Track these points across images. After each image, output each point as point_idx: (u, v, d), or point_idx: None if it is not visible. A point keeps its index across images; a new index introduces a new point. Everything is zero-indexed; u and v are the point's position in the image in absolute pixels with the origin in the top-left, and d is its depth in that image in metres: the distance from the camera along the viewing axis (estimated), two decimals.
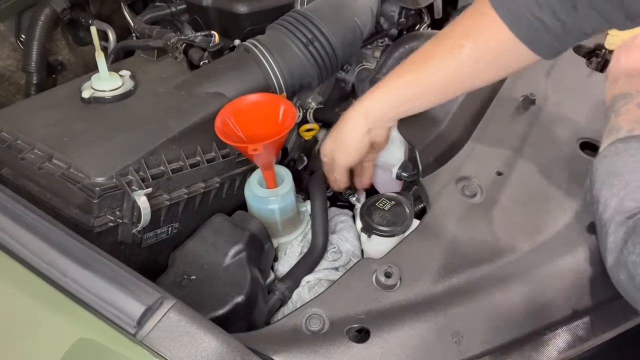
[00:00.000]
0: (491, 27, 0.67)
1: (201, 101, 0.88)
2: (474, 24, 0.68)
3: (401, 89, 0.77)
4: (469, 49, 0.69)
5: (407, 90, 0.77)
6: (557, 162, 0.87)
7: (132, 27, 1.18)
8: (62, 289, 0.56)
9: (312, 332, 0.64)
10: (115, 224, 0.75)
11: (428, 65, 0.73)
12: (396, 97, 0.78)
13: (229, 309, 0.69)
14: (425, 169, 0.85)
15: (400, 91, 0.77)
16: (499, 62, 0.71)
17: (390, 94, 0.78)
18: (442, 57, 0.71)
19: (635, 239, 0.56)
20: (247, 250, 0.76)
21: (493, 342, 0.64)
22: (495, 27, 0.67)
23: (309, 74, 1.01)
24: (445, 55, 0.71)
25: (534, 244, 0.75)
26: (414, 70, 0.74)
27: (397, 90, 0.77)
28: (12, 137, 0.80)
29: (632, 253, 0.56)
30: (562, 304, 0.67)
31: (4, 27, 1.24)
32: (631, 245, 0.56)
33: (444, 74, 0.73)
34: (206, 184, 0.86)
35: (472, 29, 0.69)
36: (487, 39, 0.68)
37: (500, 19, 0.66)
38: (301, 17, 1.01)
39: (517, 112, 0.97)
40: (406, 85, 0.76)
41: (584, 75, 1.08)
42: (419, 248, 0.74)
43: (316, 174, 0.93)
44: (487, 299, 0.68)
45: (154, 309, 0.54)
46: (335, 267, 0.84)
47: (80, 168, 0.74)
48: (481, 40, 0.68)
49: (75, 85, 0.90)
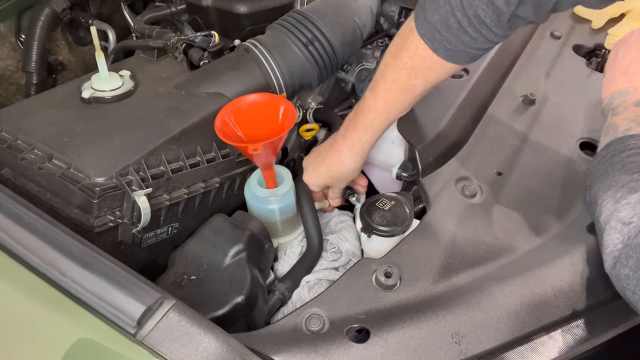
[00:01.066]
0: (434, 65, 0.75)
1: (201, 101, 0.88)
2: (416, 64, 0.76)
3: (375, 122, 0.84)
4: (421, 86, 0.79)
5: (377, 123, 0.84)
6: (556, 162, 0.87)
7: (132, 27, 1.18)
8: (62, 289, 0.56)
9: (312, 332, 0.64)
10: (115, 224, 0.75)
11: (390, 105, 0.82)
12: (372, 131, 0.85)
13: (229, 309, 0.69)
14: (425, 169, 0.85)
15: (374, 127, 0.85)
16: (439, 82, 0.80)
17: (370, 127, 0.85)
18: (399, 96, 0.80)
19: (629, 252, 0.56)
20: (247, 250, 0.76)
21: (493, 342, 0.64)
22: (438, 64, 0.75)
23: (309, 74, 1.01)
24: (402, 94, 0.80)
25: (534, 244, 0.75)
26: (379, 109, 0.83)
27: (372, 127, 0.85)
28: (12, 137, 0.80)
29: (625, 266, 0.56)
30: (562, 304, 0.67)
31: (4, 27, 1.24)
32: (624, 258, 0.56)
33: (402, 105, 0.82)
34: (206, 184, 0.86)
35: (418, 70, 0.77)
36: (435, 76, 0.78)
37: (439, 57, 0.74)
38: (301, 17, 1.01)
39: (517, 112, 0.97)
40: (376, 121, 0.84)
41: (584, 75, 1.08)
42: (419, 248, 0.74)
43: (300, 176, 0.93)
44: (487, 299, 0.68)
45: (154, 309, 0.54)
46: (335, 267, 0.84)
47: (80, 168, 0.74)
48: (430, 78, 0.78)
49: (75, 85, 0.90)
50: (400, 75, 0.78)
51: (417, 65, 0.76)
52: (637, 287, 0.54)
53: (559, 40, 1.18)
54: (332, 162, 0.89)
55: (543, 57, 1.12)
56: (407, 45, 0.76)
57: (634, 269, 0.55)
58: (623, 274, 0.56)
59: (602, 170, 0.64)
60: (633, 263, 0.55)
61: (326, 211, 0.97)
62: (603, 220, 0.61)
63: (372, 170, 1.05)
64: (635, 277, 0.55)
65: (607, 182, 0.62)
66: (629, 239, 0.56)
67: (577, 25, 1.23)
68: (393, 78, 0.79)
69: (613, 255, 0.58)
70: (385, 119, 0.83)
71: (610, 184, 0.62)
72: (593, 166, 0.67)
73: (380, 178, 1.04)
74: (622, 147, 0.64)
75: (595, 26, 1.21)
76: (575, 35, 1.20)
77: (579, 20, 1.24)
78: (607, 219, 0.60)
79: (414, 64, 0.76)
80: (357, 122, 0.85)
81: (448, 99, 0.95)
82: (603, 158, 0.66)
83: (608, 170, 0.63)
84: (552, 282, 0.70)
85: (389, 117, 0.83)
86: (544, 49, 1.15)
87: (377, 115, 0.83)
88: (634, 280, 0.55)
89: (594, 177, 0.66)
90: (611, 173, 0.63)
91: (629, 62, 0.78)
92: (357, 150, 0.86)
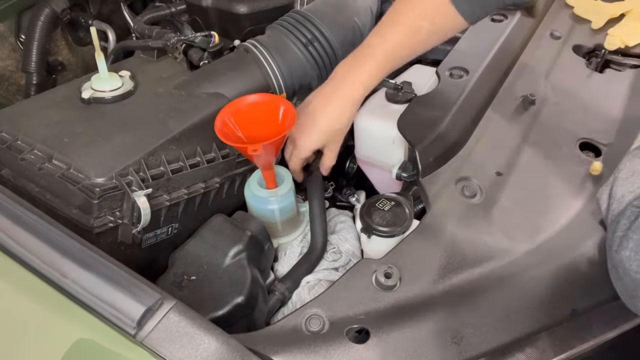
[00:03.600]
0: (441, 7, 0.79)
1: (201, 101, 0.88)
2: (425, 4, 0.80)
3: (382, 63, 0.84)
4: (426, 30, 0.81)
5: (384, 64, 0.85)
6: (556, 163, 0.87)
7: (132, 27, 1.18)
8: (62, 290, 0.56)
9: (312, 332, 0.64)
10: (115, 224, 0.75)
11: (396, 47, 0.83)
12: (376, 72, 0.85)
13: (229, 309, 0.69)
14: (424, 169, 0.85)
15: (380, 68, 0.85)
16: (446, 34, 0.85)
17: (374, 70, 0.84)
18: (406, 38, 0.82)
19: (629, 234, 0.56)
20: (247, 250, 0.76)
21: (493, 342, 0.64)
22: (445, 9, 0.79)
23: (309, 74, 1.01)
24: (409, 36, 0.82)
25: (534, 244, 0.75)
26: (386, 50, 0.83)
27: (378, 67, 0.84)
28: (12, 138, 0.80)
29: (626, 248, 0.56)
30: (561, 304, 0.67)
31: (4, 27, 1.24)
32: (625, 240, 0.56)
33: (407, 50, 0.85)
34: (206, 185, 0.86)
35: (426, 10, 0.80)
36: (441, 21, 0.81)
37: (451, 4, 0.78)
38: (301, 17, 1.01)
39: (516, 113, 0.97)
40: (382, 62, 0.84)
41: (584, 76, 1.08)
42: (419, 248, 0.74)
43: (314, 174, 0.93)
44: (487, 299, 0.68)
45: (154, 310, 0.54)
46: (335, 268, 0.84)
47: (80, 168, 0.74)
48: (437, 21, 0.81)
49: (75, 85, 0.90)
50: (408, 16, 0.81)
51: (425, 6, 0.80)
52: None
53: (559, 41, 1.18)
54: (331, 115, 0.85)
55: (543, 57, 1.12)
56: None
57: (635, 250, 0.55)
58: (625, 256, 0.56)
59: (629, 169, 0.65)
60: (634, 244, 0.56)
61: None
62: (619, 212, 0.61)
63: (372, 170, 1.05)
64: (636, 258, 0.55)
65: (632, 179, 0.63)
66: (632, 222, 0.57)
67: (577, 25, 1.23)
68: (400, 19, 0.81)
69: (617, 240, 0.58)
70: (391, 61, 0.83)
71: (635, 180, 0.62)
72: (622, 162, 0.68)
73: (380, 178, 1.04)
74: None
75: (595, 26, 1.21)
76: (575, 35, 1.20)
77: (578, 21, 1.24)
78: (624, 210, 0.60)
79: (423, 5, 0.80)
80: (358, 66, 0.84)
81: (448, 99, 0.95)
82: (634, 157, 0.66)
83: (636, 169, 0.64)
84: (551, 282, 0.70)
85: (395, 60, 0.84)
86: (544, 49, 1.15)
87: (383, 56, 0.82)
88: (635, 262, 0.55)
89: (620, 174, 0.66)
90: (637, 172, 0.63)
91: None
92: (356, 96, 0.85)
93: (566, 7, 1.29)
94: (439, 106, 0.93)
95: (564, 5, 1.30)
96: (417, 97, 0.96)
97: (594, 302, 0.68)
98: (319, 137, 0.86)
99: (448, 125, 0.90)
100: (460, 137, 0.90)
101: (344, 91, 0.84)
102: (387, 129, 0.93)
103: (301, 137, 0.87)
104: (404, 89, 0.98)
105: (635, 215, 0.57)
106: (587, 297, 0.69)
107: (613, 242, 0.59)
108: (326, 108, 0.85)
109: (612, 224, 0.62)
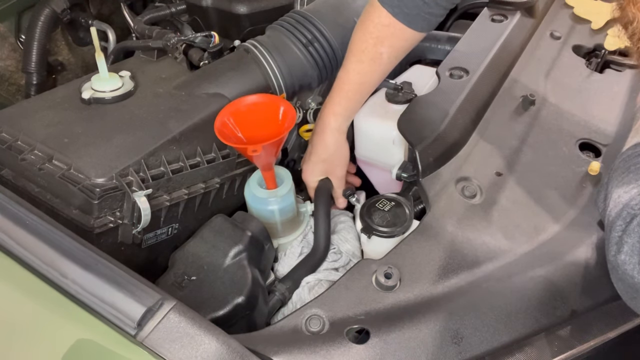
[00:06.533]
0: (396, 32, 0.84)
1: (201, 102, 0.88)
2: (381, 32, 0.84)
3: (349, 94, 0.90)
4: (387, 54, 0.86)
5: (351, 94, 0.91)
6: (556, 163, 0.87)
7: (132, 27, 1.18)
8: (62, 290, 0.56)
9: (312, 333, 0.64)
10: (116, 224, 0.75)
11: (361, 75, 0.88)
12: (346, 103, 0.91)
13: (229, 309, 0.69)
14: (424, 169, 0.85)
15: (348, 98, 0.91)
16: (406, 50, 0.89)
17: (344, 102, 0.91)
18: (369, 66, 0.87)
19: (624, 238, 0.56)
20: (248, 251, 0.76)
21: (493, 342, 0.64)
22: (399, 30, 0.83)
23: (309, 75, 1.01)
24: (371, 63, 0.87)
25: (533, 244, 0.75)
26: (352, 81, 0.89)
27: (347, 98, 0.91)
28: (13, 138, 0.80)
29: (621, 252, 0.56)
30: (561, 304, 0.68)
31: (4, 27, 1.24)
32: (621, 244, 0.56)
33: (373, 76, 0.90)
34: (206, 185, 0.86)
35: (383, 38, 0.84)
36: (399, 43, 0.86)
37: (401, 23, 0.82)
38: (301, 17, 1.01)
39: (516, 113, 0.97)
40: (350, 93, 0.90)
41: (584, 76, 1.08)
42: (419, 249, 0.74)
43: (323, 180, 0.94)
44: (487, 299, 0.68)
45: (154, 310, 0.54)
46: (335, 268, 0.84)
47: (81, 169, 0.74)
48: (395, 45, 0.86)
49: (75, 85, 0.90)
50: (368, 45, 0.85)
51: (382, 34, 0.84)
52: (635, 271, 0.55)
53: (559, 41, 1.18)
54: (319, 147, 0.92)
55: (543, 57, 1.12)
56: (370, 17, 0.84)
57: (629, 253, 0.56)
58: (620, 260, 0.56)
59: (623, 169, 0.65)
60: (628, 248, 0.56)
61: None
62: (615, 214, 0.61)
63: (372, 170, 1.05)
64: (631, 261, 0.55)
65: (626, 179, 0.63)
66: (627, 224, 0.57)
67: (576, 25, 1.23)
68: (361, 49, 0.86)
69: (614, 242, 0.58)
70: (358, 90, 0.89)
71: (630, 181, 0.62)
72: (615, 163, 0.68)
73: (380, 178, 1.04)
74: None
75: (595, 27, 1.21)
76: (575, 35, 1.20)
77: (578, 21, 1.24)
78: (620, 211, 0.60)
79: (379, 33, 0.84)
80: (332, 98, 0.90)
81: (448, 99, 0.95)
82: (628, 157, 0.66)
83: (630, 168, 0.64)
84: (551, 283, 0.70)
85: (361, 88, 0.89)
86: (544, 49, 1.15)
87: (350, 87, 0.88)
88: (630, 265, 0.55)
89: (614, 175, 0.66)
90: (633, 172, 0.63)
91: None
92: (334, 125, 0.90)
93: (566, 7, 1.29)
94: (439, 106, 0.93)
95: (564, 5, 1.30)
96: (417, 98, 0.96)
97: (593, 302, 0.68)
98: (314, 169, 0.94)
99: (448, 125, 0.90)
100: (460, 137, 0.90)
101: (324, 123, 0.92)
102: (387, 129, 0.93)
103: (305, 171, 0.95)
104: (404, 89, 0.98)
105: (630, 217, 0.57)
106: (587, 297, 0.69)
107: (610, 244, 0.60)
108: (313, 140, 0.94)
109: (609, 225, 0.62)
